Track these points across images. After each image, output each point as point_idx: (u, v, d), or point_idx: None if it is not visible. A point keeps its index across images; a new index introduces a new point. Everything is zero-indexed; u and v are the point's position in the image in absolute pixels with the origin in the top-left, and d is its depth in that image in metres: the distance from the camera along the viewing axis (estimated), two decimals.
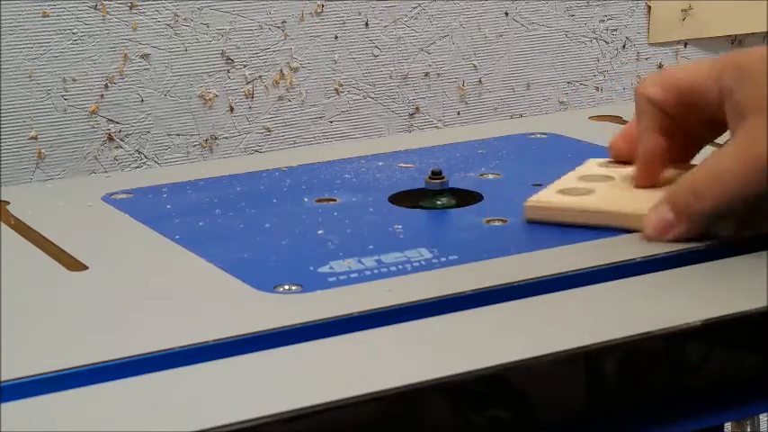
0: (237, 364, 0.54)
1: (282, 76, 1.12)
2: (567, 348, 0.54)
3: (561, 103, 1.27)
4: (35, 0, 1.01)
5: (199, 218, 0.74)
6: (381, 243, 0.67)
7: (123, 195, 0.80)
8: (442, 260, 0.65)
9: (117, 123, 1.06)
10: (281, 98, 1.13)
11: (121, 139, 1.06)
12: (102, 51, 1.04)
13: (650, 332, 0.55)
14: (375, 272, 0.63)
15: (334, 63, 1.15)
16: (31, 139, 1.03)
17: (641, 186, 0.71)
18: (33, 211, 0.78)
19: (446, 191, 0.75)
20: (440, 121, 1.21)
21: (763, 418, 1.18)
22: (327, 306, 0.58)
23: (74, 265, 0.67)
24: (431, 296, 0.60)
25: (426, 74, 1.19)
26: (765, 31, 1.35)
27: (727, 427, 1.07)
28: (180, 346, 0.54)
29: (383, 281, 0.62)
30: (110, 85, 1.05)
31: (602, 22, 1.27)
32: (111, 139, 1.06)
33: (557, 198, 0.71)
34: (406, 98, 1.19)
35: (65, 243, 0.71)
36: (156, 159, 1.08)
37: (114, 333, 0.57)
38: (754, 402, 0.62)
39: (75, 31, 1.03)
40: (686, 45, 1.32)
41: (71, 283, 0.65)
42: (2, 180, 1.01)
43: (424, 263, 0.64)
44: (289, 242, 0.69)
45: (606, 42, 1.28)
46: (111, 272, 0.66)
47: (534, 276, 0.62)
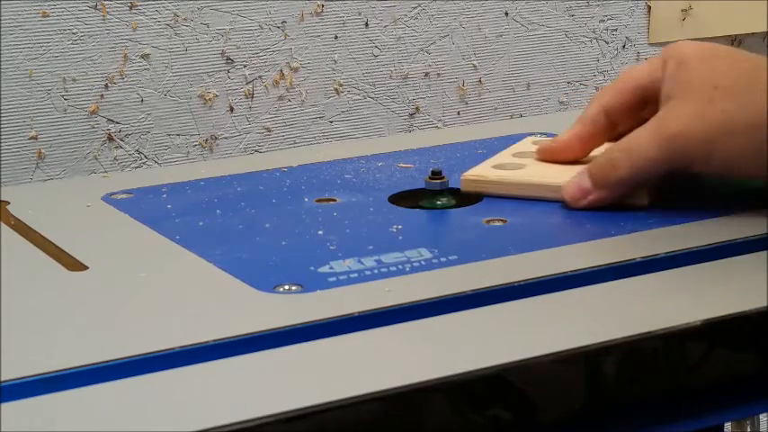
0: (237, 364, 0.54)
1: (282, 76, 1.12)
2: (567, 348, 0.54)
3: (561, 103, 1.27)
4: (35, 0, 1.01)
5: (199, 218, 0.74)
6: (381, 243, 0.67)
7: (123, 195, 0.80)
8: (442, 260, 0.65)
9: (117, 123, 1.06)
10: (281, 98, 1.13)
11: (121, 139, 1.06)
12: (102, 51, 1.04)
13: (650, 332, 0.55)
14: (375, 272, 0.63)
15: (334, 63, 1.15)
16: (31, 139, 1.03)
17: (543, 159, 0.77)
18: (33, 211, 0.78)
19: (446, 191, 0.75)
20: (440, 121, 1.21)
21: (763, 418, 1.18)
22: (327, 306, 0.58)
23: (74, 265, 0.67)
24: (431, 296, 0.60)
25: (426, 74, 1.19)
26: (765, 31, 1.35)
27: (727, 427, 1.07)
28: (180, 346, 0.54)
29: (383, 281, 0.62)
30: (110, 85, 1.05)
31: (602, 22, 1.27)
32: (111, 139, 1.06)
33: (490, 172, 0.76)
34: (406, 98, 1.19)
35: (65, 243, 0.71)
36: (156, 159, 1.08)
37: (114, 333, 0.57)
38: (754, 402, 0.61)
39: (75, 31, 1.03)
40: None
41: (71, 283, 0.65)
42: (2, 180, 1.01)
43: (424, 263, 0.64)
44: (289, 242, 0.69)
45: (606, 42, 1.28)
46: (111, 272, 0.66)
47: (534, 276, 0.62)
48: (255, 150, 1.12)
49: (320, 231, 0.70)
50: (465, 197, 0.76)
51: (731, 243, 0.66)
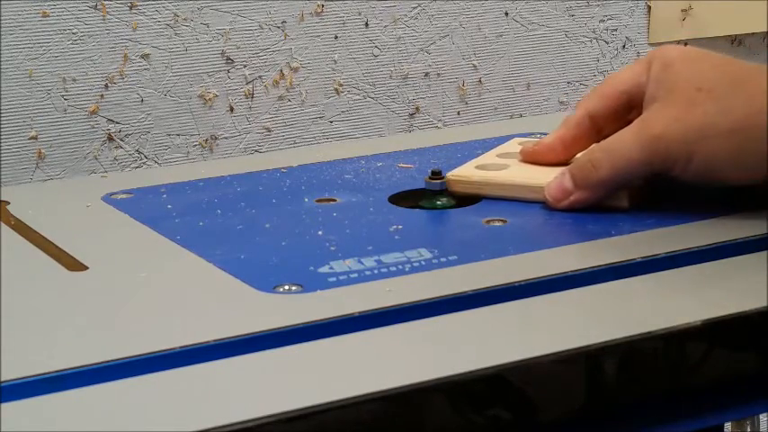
0: (237, 365, 0.54)
1: (282, 76, 1.12)
2: (567, 348, 0.54)
3: (561, 103, 1.27)
4: (35, 0, 1.01)
5: (199, 218, 0.74)
6: (381, 243, 0.67)
7: (123, 195, 0.80)
8: (442, 260, 0.65)
9: (117, 123, 1.06)
10: (281, 98, 1.13)
11: (121, 139, 1.06)
12: (102, 51, 1.04)
13: (650, 332, 0.55)
14: (375, 272, 0.63)
15: (334, 63, 1.15)
16: (31, 139, 1.03)
17: (526, 161, 0.77)
18: (33, 211, 0.78)
19: (446, 191, 0.75)
20: (440, 121, 1.21)
21: (763, 418, 1.18)
22: (327, 306, 0.58)
23: (74, 265, 0.67)
24: (431, 296, 0.60)
25: (426, 74, 1.19)
26: (765, 31, 1.35)
27: (727, 427, 1.07)
28: (180, 346, 0.54)
29: (383, 281, 0.62)
30: (110, 85, 1.05)
31: (602, 22, 1.27)
32: (111, 139, 1.06)
33: (475, 172, 0.76)
34: (406, 98, 1.19)
35: (65, 243, 0.71)
36: (156, 159, 1.08)
37: (114, 333, 0.57)
38: (754, 402, 0.61)
39: (75, 31, 1.03)
40: (686, 45, 1.32)
41: (71, 283, 0.65)
42: (2, 180, 1.01)
43: (424, 263, 0.64)
44: (289, 242, 0.69)
45: (606, 42, 1.28)
46: (111, 272, 0.66)
47: (534, 276, 0.62)
48: (255, 150, 1.12)
49: (320, 231, 0.70)
50: (465, 197, 0.76)
51: (731, 243, 0.66)
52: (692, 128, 0.68)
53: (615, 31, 1.28)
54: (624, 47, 1.29)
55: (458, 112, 1.21)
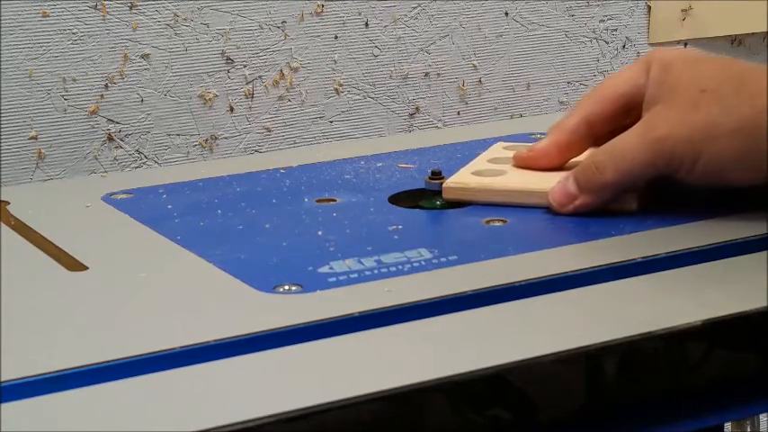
0: (237, 365, 0.54)
1: (282, 76, 1.12)
2: (567, 348, 0.54)
3: (561, 103, 1.27)
4: (35, 0, 1.01)
5: (199, 218, 0.74)
6: (381, 243, 0.67)
7: (123, 195, 0.80)
8: (442, 260, 0.65)
9: (117, 123, 1.06)
10: (281, 98, 1.13)
11: (121, 139, 1.06)
12: (102, 51, 1.04)
13: (650, 332, 0.55)
14: (375, 272, 0.63)
15: (334, 63, 1.15)
16: (31, 139, 1.03)
17: (519, 167, 0.76)
18: (33, 211, 0.78)
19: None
20: (440, 121, 1.21)
21: (763, 418, 1.18)
22: (327, 306, 0.58)
23: (74, 265, 0.67)
24: (431, 296, 0.60)
25: (426, 74, 1.19)
26: (765, 31, 1.35)
27: (727, 427, 1.07)
28: (180, 347, 0.54)
29: (383, 281, 0.62)
30: (110, 85, 1.05)
31: (602, 22, 1.27)
32: (111, 139, 1.06)
33: (473, 179, 0.75)
34: (406, 98, 1.19)
35: (65, 243, 0.71)
36: (156, 159, 1.08)
37: (114, 333, 0.57)
38: (754, 402, 0.62)
39: (75, 31, 1.03)
40: (686, 45, 1.32)
41: (71, 283, 0.65)
42: (2, 180, 1.01)
43: (424, 263, 0.64)
44: (289, 242, 0.69)
45: (606, 42, 1.28)
46: (111, 272, 0.66)
47: (534, 276, 0.62)
48: (255, 150, 1.12)
49: (320, 232, 0.70)
50: None
51: (731, 243, 0.66)
52: (697, 128, 0.68)
53: (615, 31, 1.28)
54: (624, 47, 1.29)
55: (458, 112, 1.21)
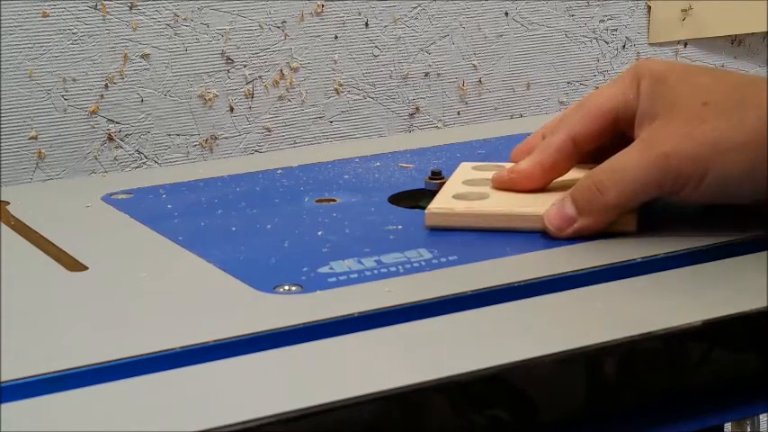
0: (238, 365, 0.54)
1: (282, 76, 1.12)
2: (567, 348, 0.54)
3: (561, 103, 1.27)
4: (35, 0, 1.01)
5: (199, 218, 0.74)
6: (381, 243, 0.67)
7: (123, 195, 0.80)
8: (442, 260, 0.65)
9: (117, 123, 1.06)
10: (281, 98, 1.13)
11: (121, 139, 1.06)
12: (102, 51, 1.04)
13: (650, 332, 0.55)
14: (375, 272, 0.63)
15: (334, 63, 1.15)
16: (31, 139, 1.03)
17: (500, 189, 0.72)
18: (33, 211, 0.78)
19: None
20: (440, 121, 1.21)
21: (763, 418, 1.18)
22: (327, 306, 0.58)
23: (74, 265, 0.67)
24: (431, 296, 0.60)
25: (426, 74, 1.19)
26: (765, 31, 1.35)
27: (728, 427, 1.07)
28: (180, 347, 0.54)
29: (383, 281, 0.62)
30: (110, 85, 1.05)
31: (602, 22, 1.27)
32: (111, 139, 1.06)
33: (458, 204, 0.70)
34: (406, 98, 1.19)
35: (65, 243, 0.71)
36: (156, 159, 1.08)
37: (114, 333, 0.57)
38: (754, 402, 0.61)
39: (75, 31, 1.03)
40: (686, 45, 1.32)
41: (71, 283, 0.65)
42: (2, 180, 1.01)
43: (424, 263, 0.64)
44: (289, 242, 0.69)
45: (606, 42, 1.28)
46: (111, 272, 0.66)
47: (534, 276, 0.62)
48: (255, 150, 1.12)
49: (320, 232, 0.70)
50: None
51: (731, 243, 0.66)
52: (704, 144, 0.65)
53: (615, 31, 1.28)
54: (624, 47, 1.29)
55: (458, 112, 1.21)
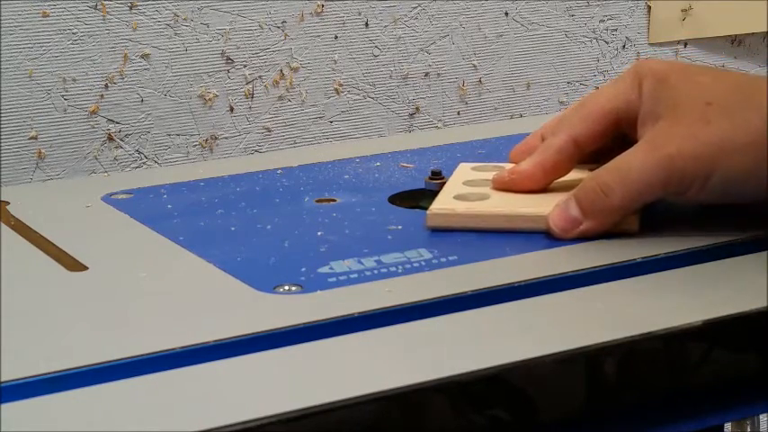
0: (237, 365, 0.54)
1: (282, 76, 1.12)
2: (567, 348, 0.54)
3: (561, 103, 1.27)
4: (35, 0, 1.01)
5: (199, 218, 0.74)
6: (381, 243, 0.67)
7: (123, 195, 0.80)
8: (442, 260, 0.65)
9: (117, 123, 1.06)
10: (281, 98, 1.13)
11: (121, 139, 1.06)
12: (102, 51, 1.04)
13: (650, 332, 0.55)
14: (375, 272, 0.63)
15: (334, 63, 1.15)
16: (31, 139, 1.03)
17: (500, 189, 0.72)
18: (33, 211, 0.78)
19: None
20: (440, 121, 1.21)
21: (763, 418, 1.18)
22: (327, 306, 0.58)
23: (74, 265, 0.67)
24: (431, 296, 0.60)
25: (426, 74, 1.19)
26: (765, 31, 1.35)
27: (728, 427, 1.07)
28: (180, 347, 0.54)
29: (383, 281, 0.62)
30: (110, 85, 1.05)
31: (602, 22, 1.27)
32: (111, 139, 1.06)
33: (459, 204, 0.70)
34: (406, 98, 1.19)
35: (65, 243, 0.71)
36: (156, 159, 1.08)
37: (114, 333, 0.57)
38: (754, 402, 0.61)
39: (75, 31, 1.03)
40: (686, 45, 1.32)
41: (71, 283, 0.65)
42: (2, 180, 1.01)
43: (424, 263, 0.64)
44: (289, 242, 0.69)
45: (606, 42, 1.28)
46: (111, 272, 0.66)
47: (534, 276, 0.62)
48: (255, 150, 1.12)
49: (320, 232, 0.70)
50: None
51: (731, 243, 0.66)
52: (709, 144, 0.64)
53: (615, 31, 1.28)
54: (624, 47, 1.29)
55: (458, 112, 1.21)
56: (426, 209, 0.74)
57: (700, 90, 0.66)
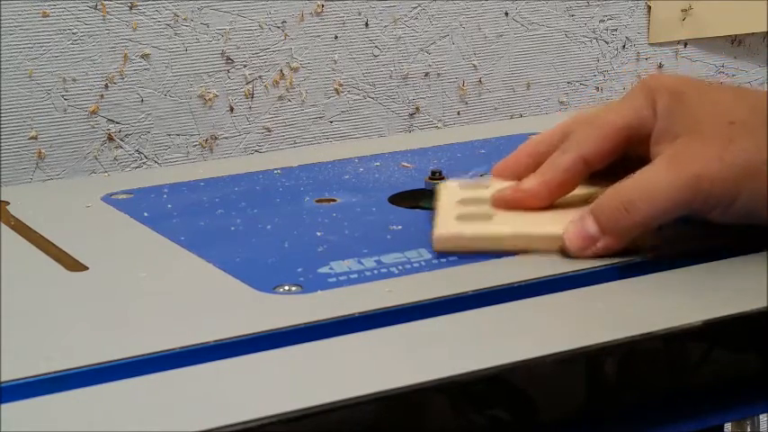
0: (238, 365, 0.54)
1: (282, 76, 1.12)
2: (567, 348, 0.54)
3: (561, 103, 1.27)
4: (35, 0, 1.01)
5: (199, 218, 0.74)
6: (381, 243, 0.67)
7: (123, 195, 0.80)
8: (442, 260, 0.65)
9: (117, 123, 1.06)
10: (281, 98, 1.13)
11: (121, 139, 1.06)
12: (102, 51, 1.04)
13: (650, 332, 0.55)
14: (375, 272, 0.63)
15: (334, 63, 1.15)
16: (31, 139, 1.03)
17: (502, 208, 0.69)
18: (33, 211, 0.78)
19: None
20: (440, 121, 1.21)
21: (763, 418, 1.18)
22: (327, 306, 0.58)
23: (74, 265, 0.67)
24: (431, 296, 0.60)
25: (426, 74, 1.19)
26: (765, 31, 1.35)
27: (728, 427, 1.07)
28: (180, 347, 0.54)
29: (383, 281, 0.62)
30: (110, 85, 1.05)
31: (602, 22, 1.27)
32: (111, 139, 1.06)
33: (465, 227, 0.67)
34: (406, 98, 1.19)
35: (65, 243, 0.71)
36: (156, 159, 1.08)
37: (114, 333, 0.57)
38: (754, 402, 0.61)
39: (75, 31, 1.03)
40: (686, 45, 1.32)
41: (71, 283, 0.65)
42: (2, 180, 1.01)
43: (424, 263, 0.64)
44: (289, 242, 0.69)
45: (606, 42, 1.28)
46: (111, 272, 0.66)
47: (534, 276, 0.62)
48: (255, 150, 1.12)
49: (320, 232, 0.70)
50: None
51: (731, 243, 0.66)
52: (734, 166, 0.62)
53: (615, 31, 1.28)
54: (624, 47, 1.29)
55: (458, 112, 1.21)
56: (426, 209, 0.75)
57: (720, 108, 0.65)
